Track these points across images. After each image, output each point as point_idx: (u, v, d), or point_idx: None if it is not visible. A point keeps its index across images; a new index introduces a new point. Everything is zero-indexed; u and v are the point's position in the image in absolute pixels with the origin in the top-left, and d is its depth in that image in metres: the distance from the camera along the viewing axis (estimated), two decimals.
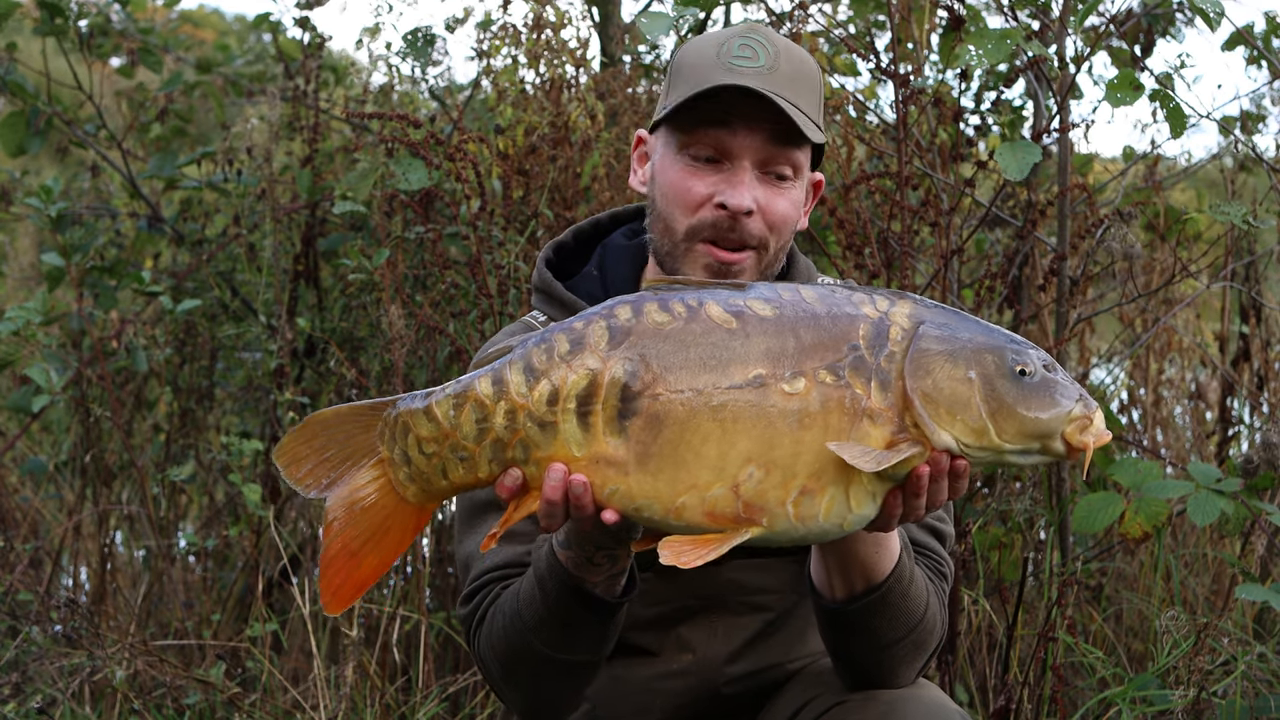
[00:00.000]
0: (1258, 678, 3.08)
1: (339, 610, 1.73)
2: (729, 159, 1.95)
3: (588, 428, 1.63)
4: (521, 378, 1.65)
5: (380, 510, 1.72)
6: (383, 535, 1.73)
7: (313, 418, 1.72)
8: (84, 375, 4.02)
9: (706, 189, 1.95)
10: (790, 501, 1.60)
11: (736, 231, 1.95)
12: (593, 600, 1.84)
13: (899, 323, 1.64)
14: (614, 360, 1.63)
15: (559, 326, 1.67)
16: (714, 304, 1.64)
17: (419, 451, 1.69)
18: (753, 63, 1.94)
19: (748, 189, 1.94)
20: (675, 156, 1.97)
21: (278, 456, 1.71)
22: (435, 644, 3.73)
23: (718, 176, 1.95)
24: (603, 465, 1.63)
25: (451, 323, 3.72)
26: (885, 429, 1.61)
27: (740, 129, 1.94)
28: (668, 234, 1.99)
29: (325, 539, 1.71)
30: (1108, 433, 1.64)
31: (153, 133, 4.75)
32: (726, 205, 1.94)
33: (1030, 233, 3.51)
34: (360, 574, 1.72)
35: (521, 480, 1.67)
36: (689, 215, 1.96)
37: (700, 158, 1.96)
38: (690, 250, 1.97)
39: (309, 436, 1.71)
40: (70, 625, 3.40)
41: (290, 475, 1.71)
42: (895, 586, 1.86)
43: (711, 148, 1.95)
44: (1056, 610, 3.08)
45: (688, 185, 1.96)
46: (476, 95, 4.36)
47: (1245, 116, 4.60)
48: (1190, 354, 4.72)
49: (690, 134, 1.96)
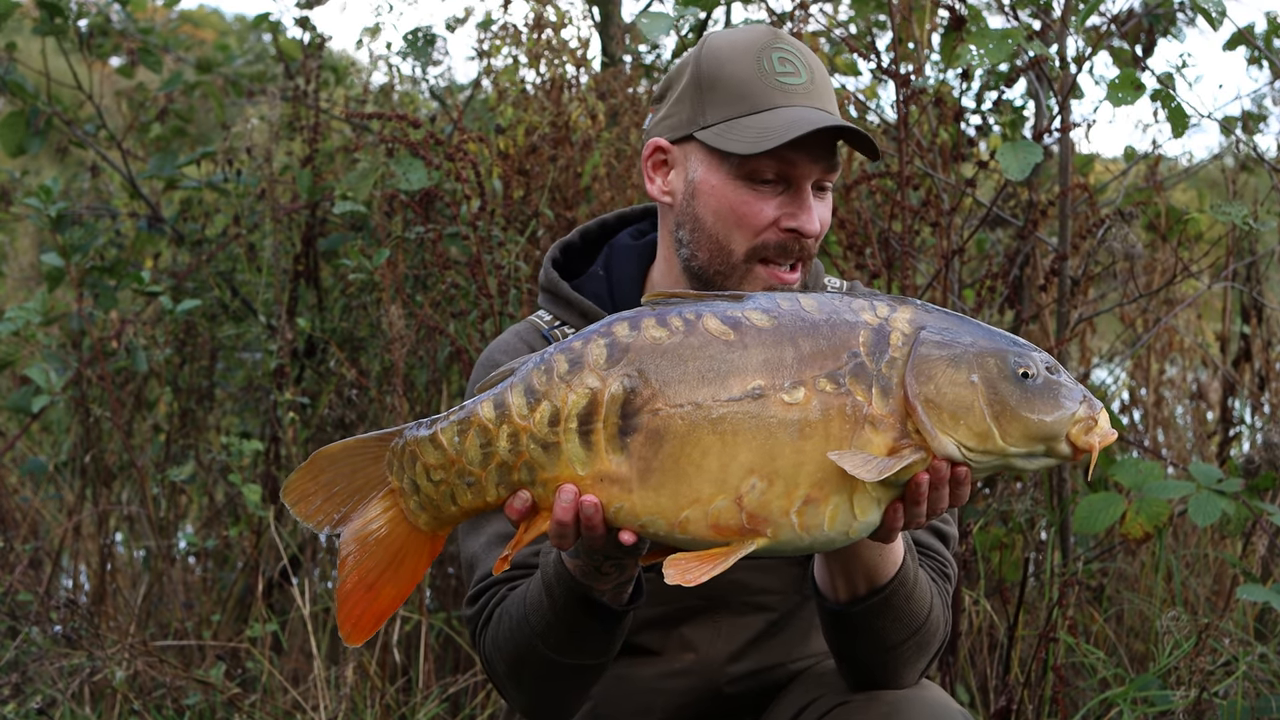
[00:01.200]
0: (1259, 678, 3.08)
1: (360, 642, 1.73)
2: (792, 182, 1.94)
3: (590, 446, 1.62)
4: (522, 400, 1.65)
5: (394, 541, 1.73)
6: (398, 566, 1.73)
7: (319, 454, 1.72)
8: (84, 375, 4.02)
9: (773, 212, 1.94)
10: (794, 511, 1.60)
11: (801, 250, 1.96)
12: (600, 608, 1.84)
13: (900, 328, 1.63)
14: (613, 378, 1.62)
15: (558, 347, 1.67)
16: (711, 316, 1.64)
17: (427, 479, 1.69)
18: (796, 79, 1.94)
19: (815, 212, 1.95)
20: (731, 177, 1.94)
21: (286, 495, 1.71)
22: (435, 644, 3.72)
23: (781, 198, 1.94)
24: (606, 483, 1.62)
25: (452, 323, 3.72)
26: (888, 435, 1.60)
27: (804, 156, 1.93)
28: (721, 254, 1.97)
29: (341, 573, 1.71)
30: (1113, 432, 1.63)
31: (153, 133, 4.75)
32: (800, 230, 1.94)
33: (1031, 233, 3.51)
34: (378, 605, 1.72)
35: (530, 502, 1.66)
36: (752, 237, 1.95)
37: (762, 179, 1.94)
38: (750, 271, 1.96)
39: (316, 472, 1.71)
40: (70, 626, 3.39)
41: (300, 513, 1.71)
42: (899, 589, 1.86)
43: (775, 172, 1.94)
44: (1057, 610, 3.08)
45: (755, 209, 1.94)
46: (477, 95, 4.36)
47: (1246, 116, 4.61)
48: (1191, 354, 4.72)
49: (756, 161, 1.93)
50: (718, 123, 1.94)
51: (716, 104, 1.94)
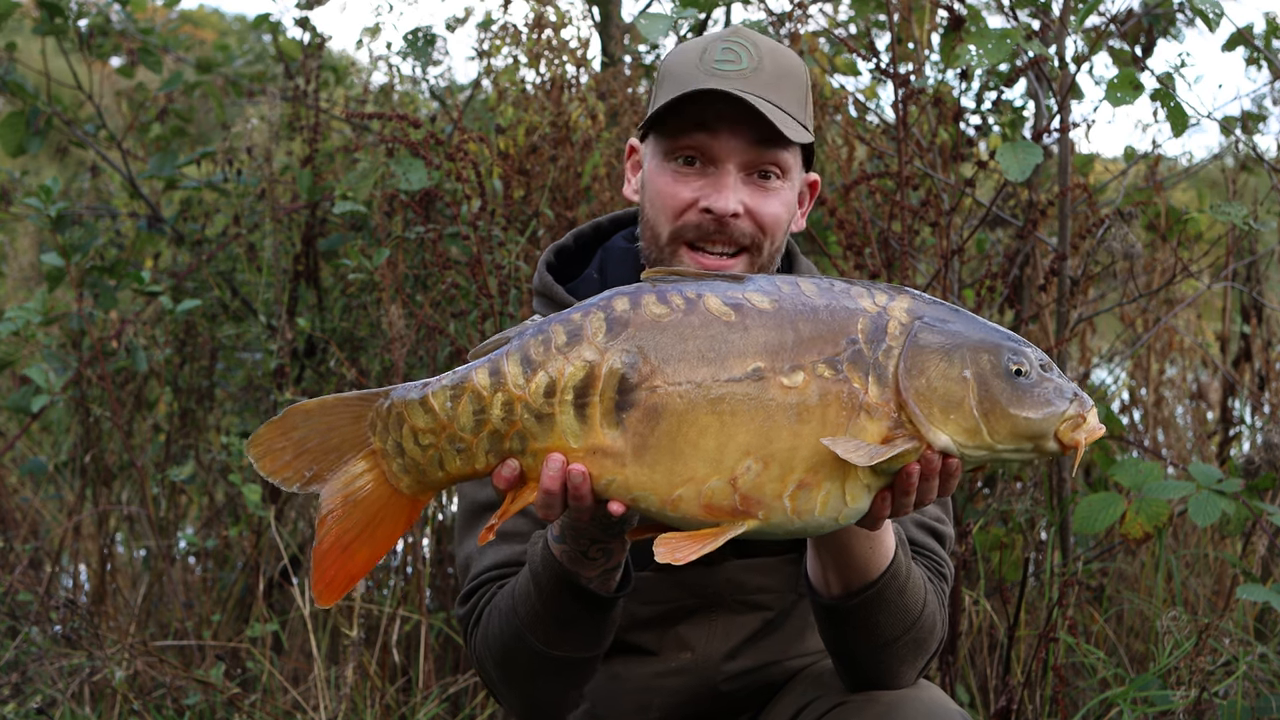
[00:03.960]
0: (1259, 678, 3.08)
1: (331, 602, 1.71)
2: (713, 163, 1.95)
3: (585, 419, 1.63)
4: (519, 369, 1.65)
5: (374, 503, 1.71)
6: (375, 527, 1.72)
7: (293, 408, 1.69)
8: (84, 375, 4.02)
9: (691, 193, 1.96)
10: (787, 495, 1.60)
11: (724, 234, 1.95)
12: (587, 595, 1.84)
13: (897, 317, 1.64)
14: (611, 352, 1.63)
15: (556, 317, 1.67)
16: (713, 296, 1.64)
17: (414, 443, 1.68)
18: (735, 65, 1.95)
19: (732, 191, 1.94)
20: (661, 163, 1.98)
21: (251, 447, 1.67)
22: (435, 644, 3.72)
23: (702, 181, 1.96)
24: (600, 456, 1.62)
25: (452, 323, 3.72)
26: (882, 424, 1.60)
27: (722, 132, 1.94)
28: (654, 240, 2.00)
29: (319, 532, 1.69)
30: (1100, 427, 1.63)
31: (153, 133, 4.75)
32: (711, 209, 1.94)
33: (1031, 233, 3.51)
34: (352, 566, 1.71)
35: (519, 471, 1.66)
36: (673, 220, 1.97)
37: (684, 162, 1.96)
38: (674, 255, 1.98)
39: (288, 428, 1.69)
40: (70, 626, 3.40)
41: (265, 467, 1.68)
42: (891, 583, 1.86)
43: (694, 151, 1.95)
44: (1058, 611, 3.07)
45: (673, 190, 1.96)
46: (477, 95, 4.36)
47: (1246, 116, 4.60)
48: (1191, 354, 4.72)
49: (673, 140, 1.96)
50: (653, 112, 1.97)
51: (660, 95, 1.98)
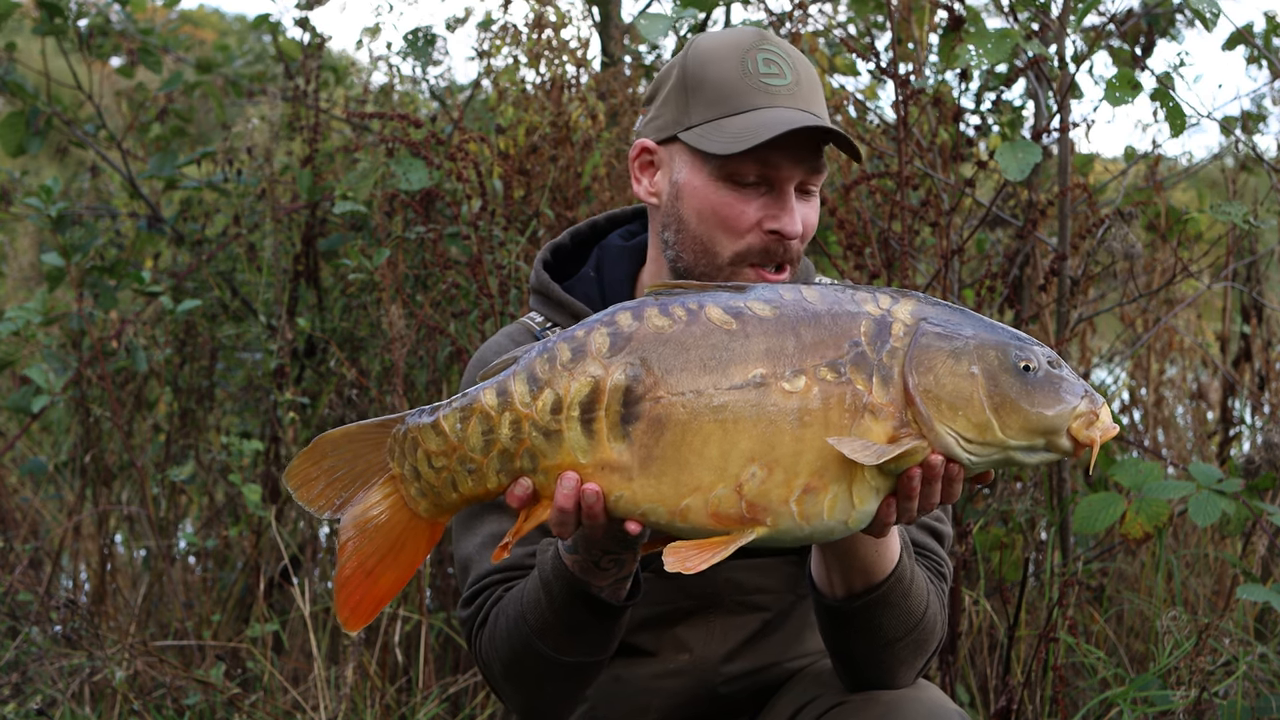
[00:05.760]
0: (1259, 678, 3.08)
1: (358, 627, 1.74)
2: (774, 184, 1.94)
3: (592, 434, 1.63)
4: (525, 387, 1.65)
5: (394, 527, 1.73)
6: (398, 552, 1.74)
7: (321, 438, 1.72)
8: (84, 375, 4.02)
9: (756, 213, 1.94)
10: (794, 500, 1.60)
11: (787, 254, 1.95)
12: (598, 604, 1.84)
13: (901, 319, 1.64)
14: (615, 366, 1.63)
15: (561, 336, 1.67)
16: (714, 306, 1.64)
17: (428, 466, 1.70)
18: (781, 80, 1.94)
19: (798, 213, 1.94)
20: (713, 179, 1.94)
21: (288, 479, 1.72)
22: (435, 644, 3.72)
23: (764, 200, 1.94)
24: (607, 471, 1.63)
25: (452, 323, 3.72)
26: (887, 424, 1.60)
27: (789, 156, 1.92)
28: (707, 256, 1.96)
29: (340, 559, 1.72)
30: (1114, 427, 1.62)
31: (153, 133, 4.75)
32: (783, 233, 1.93)
33: (1031, 233, 3.51)
34: (377, 591, 1.73)
35: (531, 489, 1.67)
36: (736, 240, 1.95)
37: (744, 181, 1.94)
38: (737, 274, 1.96)
39: (318, 457, 1.72)
40: (70, 626, 3.40)
41: (302, 497, 1.72)
42: (896, 585, 1.86)
43: (757, 174, 1.93)
44: (1058, 611, 3.07)
45: (737, 210, 1.94)
46: (477, 95, 4.36)
47: (1246, 116, 4.61)
48: (1191, 354, 4.72)
49: (737, 161, 1.92)
50: (701, 124, 1.94)
51: (700, 105, 1.95)
